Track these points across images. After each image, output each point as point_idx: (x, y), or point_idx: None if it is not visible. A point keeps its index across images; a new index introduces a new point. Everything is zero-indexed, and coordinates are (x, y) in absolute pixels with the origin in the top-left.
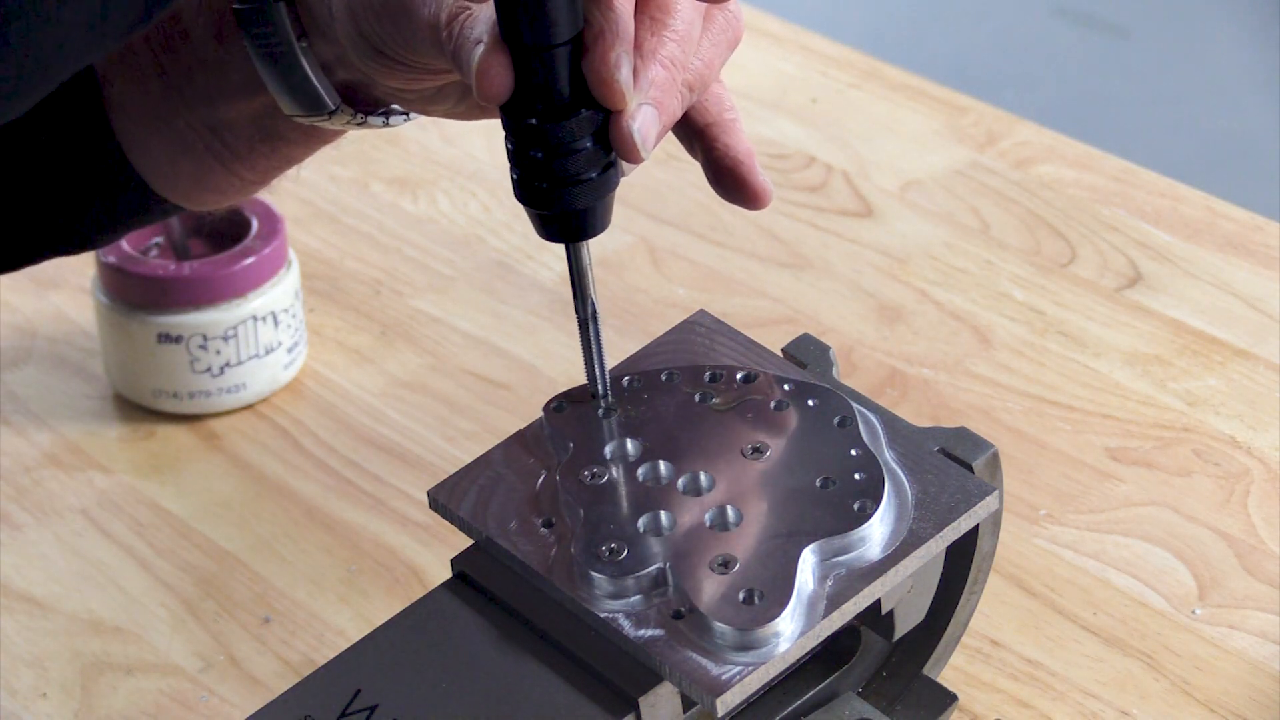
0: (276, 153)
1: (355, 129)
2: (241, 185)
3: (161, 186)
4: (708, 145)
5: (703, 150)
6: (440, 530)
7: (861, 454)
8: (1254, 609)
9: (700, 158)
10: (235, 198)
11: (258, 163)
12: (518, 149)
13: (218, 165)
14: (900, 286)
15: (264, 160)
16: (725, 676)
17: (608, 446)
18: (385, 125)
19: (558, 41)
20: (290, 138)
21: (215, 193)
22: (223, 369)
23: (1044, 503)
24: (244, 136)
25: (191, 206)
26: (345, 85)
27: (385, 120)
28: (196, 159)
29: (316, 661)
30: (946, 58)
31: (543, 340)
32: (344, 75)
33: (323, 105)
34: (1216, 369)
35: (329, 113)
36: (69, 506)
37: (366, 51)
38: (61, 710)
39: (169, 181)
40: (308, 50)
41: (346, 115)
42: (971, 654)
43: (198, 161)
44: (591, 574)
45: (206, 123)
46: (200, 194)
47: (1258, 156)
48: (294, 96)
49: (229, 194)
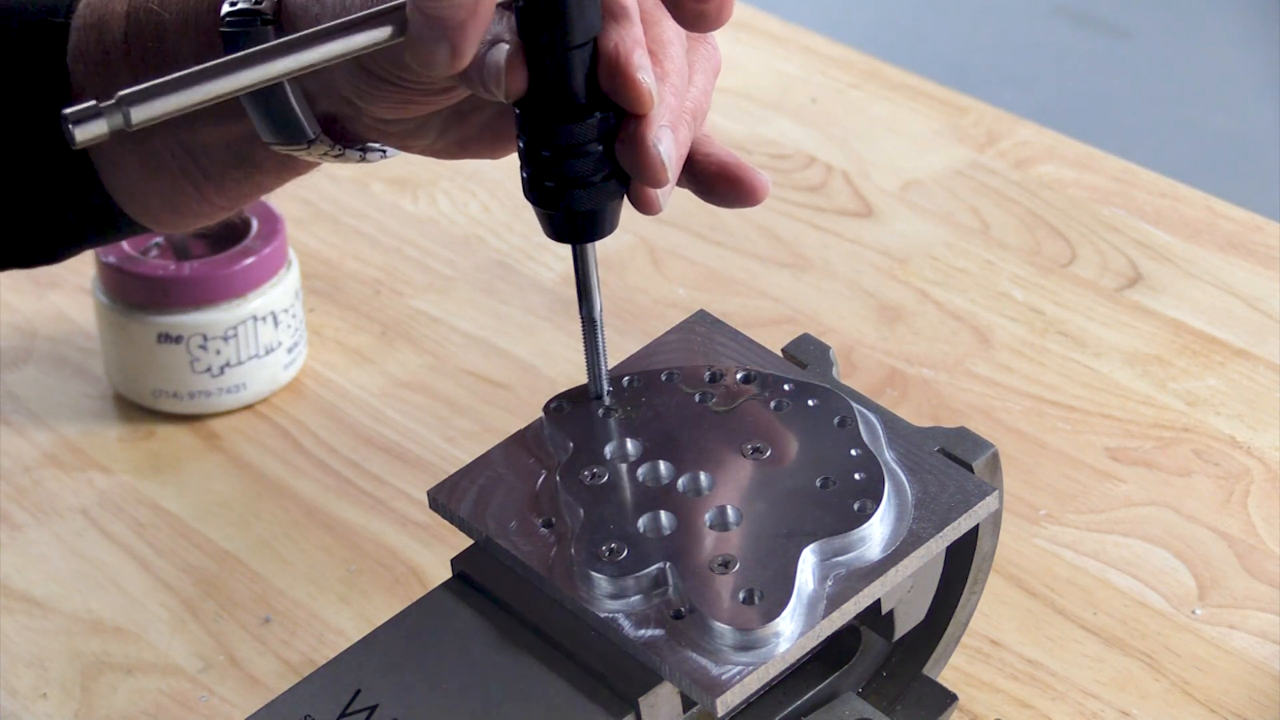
0: (249, 179)
1: (331, 161)
2: (210, 210)
3: (130, 205)
4: (691, 162)
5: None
6: (440, 530)
7: (861, 454)
8: (1254, 609)
9: (684, 177)
10: (201, 221)
11: (229, 188)
12: (529, 147)
13: (189, 187)
14: (900, 286)
15: (235, 186)
16: (725, 676)
17: (608, 447)
18: (362, 160)
19: (575, 43)
20: (265, 166)
21: (183, 215)
22: (223, 369)
23: (1044, 503)
24: (218, 161)
25: (157, 228)
26: (327, 116)
27: (362, 155)
28: (169, 180)
29: (316, 661)
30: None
31: (543, 340)
32: (326, 106)
33: (302, 135)
34: (1216, 369)
35: (308, 143)
36: (69, 506)
37: (357, 73)
38: (61, 710)
39: (139, 201)
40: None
41: (324, 146)
42: (971, 654)
43: (170, 183)
44: (591, 574)
45: (183, 144)
46: (169, 216)
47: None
48: (274, 124)
49: (197, 217)
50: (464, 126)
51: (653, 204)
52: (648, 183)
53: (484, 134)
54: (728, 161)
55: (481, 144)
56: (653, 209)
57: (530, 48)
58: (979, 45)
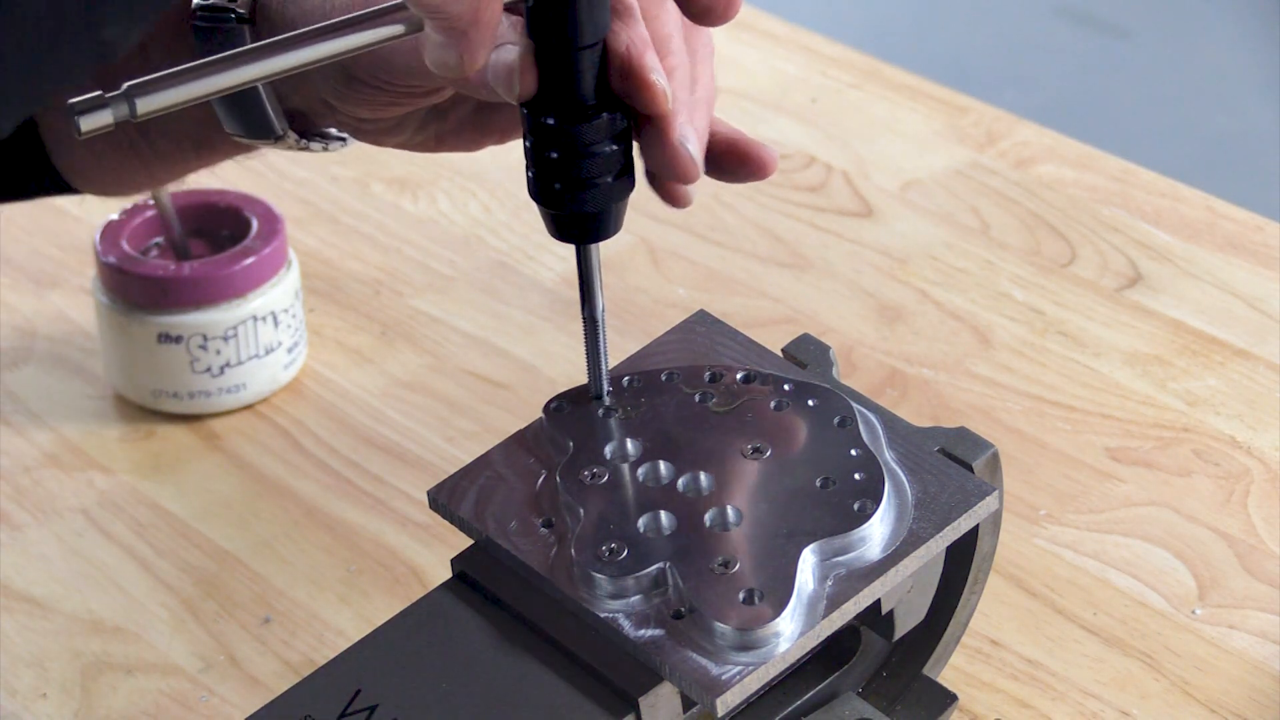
0: (200, 159)
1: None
2: (151, 182)
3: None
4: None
5: None
6: (440, 530)
7: (861, 454)
8: (1254, 609)
9: None
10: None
11: (177, 167)
12: (535, 148)
13: (137, 163)
14: (900, 286)
15: (184, 165)
16: (725, 676)
17: (608, 447)
18: (324, 150)
19: (585, 44)
20: (222, 150)
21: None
22: (223, 369)
23: (1044, 503)
24: (175, 141)
25: (89, 191)
26: (296, 113)
27: (324, 146)
28: (120, 155)
29: (316, 661)
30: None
31: (543, 340)
32: (298, 104)
33: (270, 132)
34: (1216, 369)
35: (274, 138)
36: (69, 506)
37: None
38: (61, 710)
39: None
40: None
41: (290, 141)
42: (971, 654)
43: (120, 157)
44: (592, 574)
45: (139, 127)
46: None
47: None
48: (241, 119)
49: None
50: (443, 122)
51: (683, 198)
52: (679, 180)
53: (462, 128)
54: (735, 139)
55: (459, 139)
56: (684, 202)
57: (540, 48)
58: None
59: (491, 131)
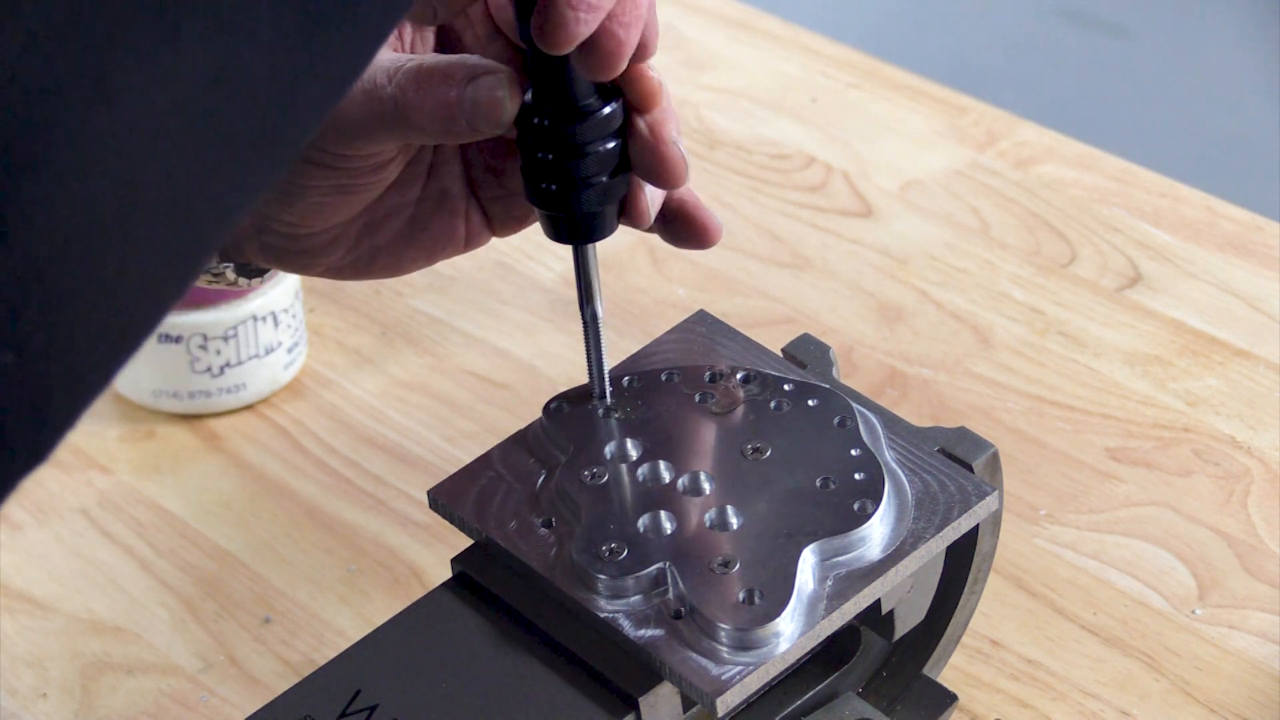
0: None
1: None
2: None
3: None
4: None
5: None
6: (440, 530)
7: (861, 454)
8: (1254, 609)
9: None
10: None
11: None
12: (528, 149)
13: None
14: (900, 286)
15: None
16: (725, 676)
17: (608, 447)
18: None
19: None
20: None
21: None
22: (223, 369)
23: (1044, 503)
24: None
25: None
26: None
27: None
28: None
29: (316, 661)
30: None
31: (543, 340)
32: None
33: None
34: (1216, 369)
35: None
36: (69, 506)
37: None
38: (61, 710)
39: None
40: None
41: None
42: (971, 654)
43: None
44: (592, 574)
45: None
46: None
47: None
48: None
49: None
50: (375, 236)
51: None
52: (668, 183)
53: (395, 244)
54: (687, 200)
55: (389, 257)
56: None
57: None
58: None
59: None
